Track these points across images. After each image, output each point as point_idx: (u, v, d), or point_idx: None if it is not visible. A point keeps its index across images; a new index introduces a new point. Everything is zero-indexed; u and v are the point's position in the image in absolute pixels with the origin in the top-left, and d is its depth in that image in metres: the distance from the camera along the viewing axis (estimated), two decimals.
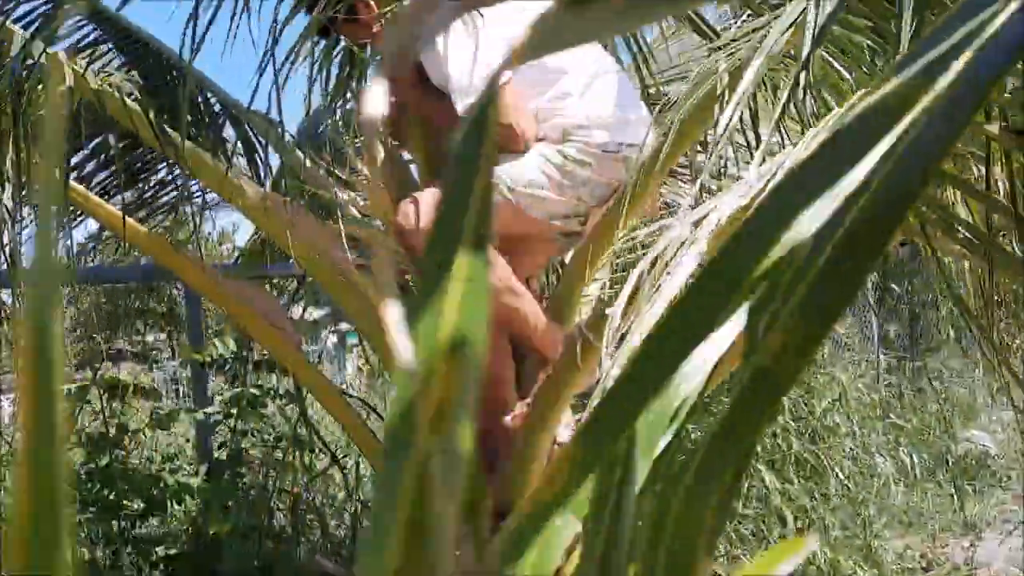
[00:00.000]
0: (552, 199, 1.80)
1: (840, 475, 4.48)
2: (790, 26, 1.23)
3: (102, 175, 2.36)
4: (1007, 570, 3.67)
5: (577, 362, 1.71)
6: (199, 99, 2.34)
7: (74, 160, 2.16)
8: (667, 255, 0.94)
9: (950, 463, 5.09)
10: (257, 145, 2.83)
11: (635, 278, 0.90)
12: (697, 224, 0.89)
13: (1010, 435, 5.24)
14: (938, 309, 6.84)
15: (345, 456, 2.81)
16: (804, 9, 1.18)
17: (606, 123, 1.84)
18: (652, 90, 2.36)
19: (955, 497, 4.66)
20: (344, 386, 4.45)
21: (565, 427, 2.10)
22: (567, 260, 2.10)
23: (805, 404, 4.61)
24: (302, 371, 2.13)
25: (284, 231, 1.93)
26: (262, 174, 2.72)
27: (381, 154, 2.09)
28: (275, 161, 2.94)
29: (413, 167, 2.23)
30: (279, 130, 2.53)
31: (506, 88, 1.80)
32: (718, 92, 1.38)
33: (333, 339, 5.92)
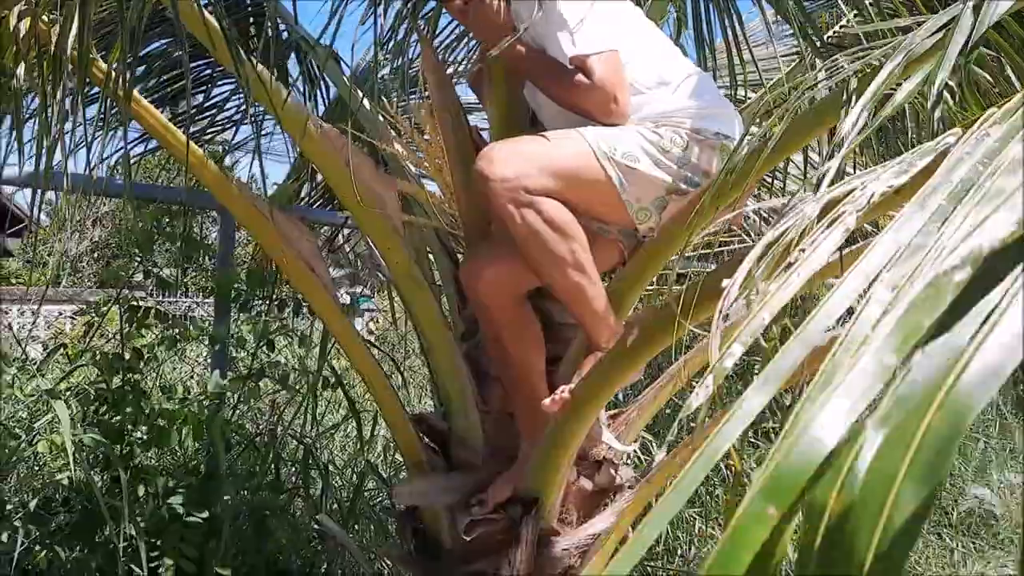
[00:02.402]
0: (648, 175, 1.71)
1: None
2: (939, 29, 1.13)
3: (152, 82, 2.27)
4: None
5: (631, 356, 1.61)
6: (268, 22, 2.25)
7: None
8: (795, 233, 0.83)
9: (954, 518, 4.99)
10: (320, 80, 2.74)
11: (755, 256, 0.79)
12: (831, 205, 0.78)
13: (1018, 499, 5.14)
14: None
15: (364, 411, 2.73)
16: (959, 14, 1.08)
17: (701, 112, 1.76)
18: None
19: (954, 552, 4.57)
20: None
21: (605, 426, 2.01)
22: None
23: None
24: (331, 318, 2.04)
25: (339, 171, 1.83)
26: (320, 111, 2.64)
27: (447, 105, 1.99)
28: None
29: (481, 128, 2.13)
30: (341, 67, 2.44)
31: (615, 57, 1.71)
32: (845, 96, 1.26)
33: (345, 299, 5.86)
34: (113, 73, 1.62)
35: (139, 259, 2.43)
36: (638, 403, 2.14)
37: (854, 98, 1.21)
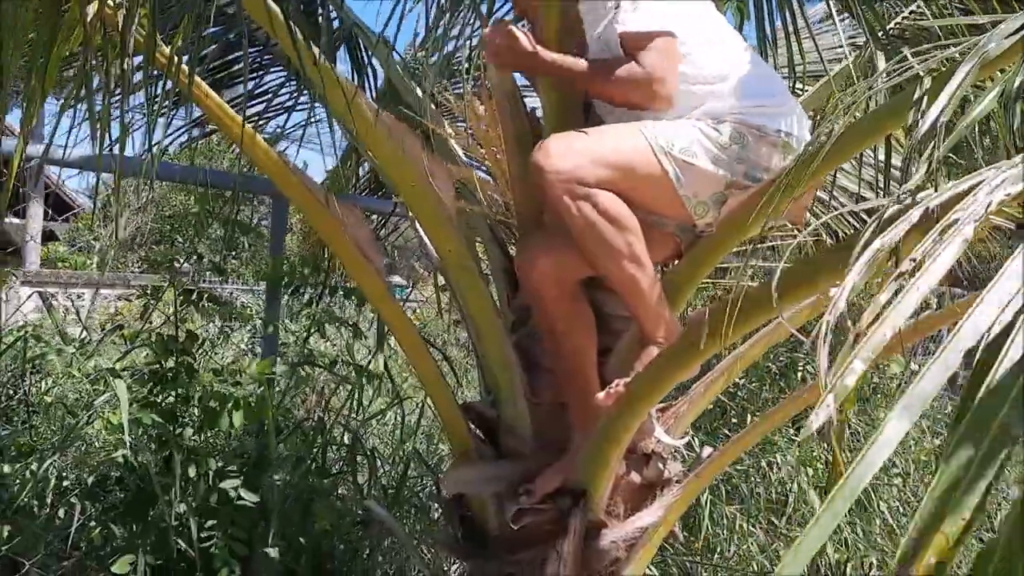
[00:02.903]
0: (705, 171, 1.70)
1: (885, 513, 4.36)
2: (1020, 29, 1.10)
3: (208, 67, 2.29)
4: None
5: (691, 353, 1.59)
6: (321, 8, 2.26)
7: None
8: (896, 241, 0.81)
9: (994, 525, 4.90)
10: (367, 67, 2.75)
11: (862, 265, 0.77)
12: (942, 210, 0.76)
13: None
14: None
15: (408, 399, 2.74)
16: None
17: (764, 110, 1.74)
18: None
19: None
20: None
21: (657, 422, 2.00)
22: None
23: (865, 436, 4.46)
24: (384, 306, 2.04)
25: (394, 157, 1.84)
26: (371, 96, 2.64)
27: (506, 92, 1.98)
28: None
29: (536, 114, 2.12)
30: (392, 52, 2.44)
31: (667, 42, 1.69)
32: (915, 95, 1.22)
33: None
34: (176, 57, 1.64)
35: (185, 243, 2.45)
36: (688, 397, 2.12)
37: (925, 100, 1.17)
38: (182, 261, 2.38)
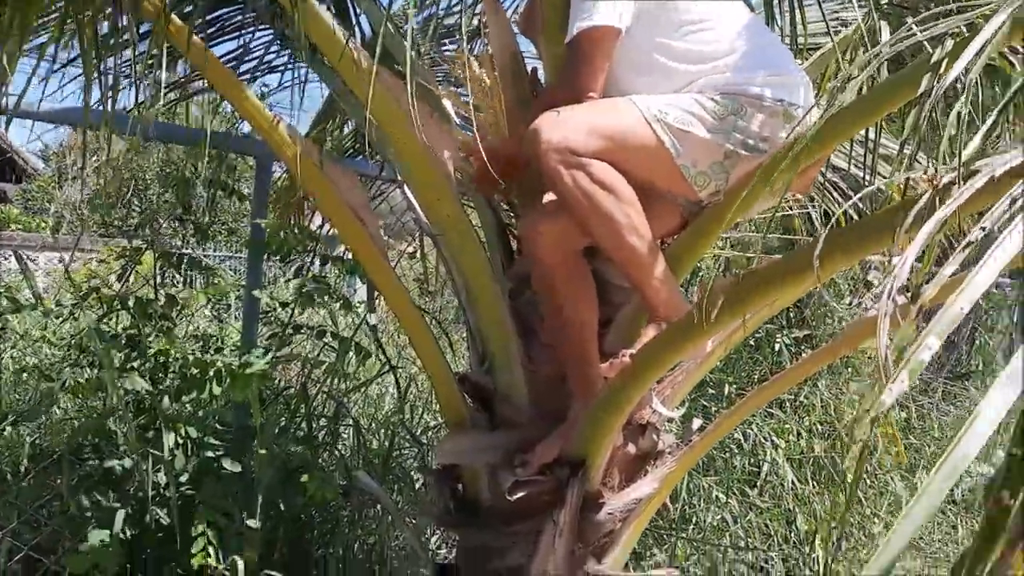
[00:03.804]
0: (701, 139, 1.67)
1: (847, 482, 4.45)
2: None
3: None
4: None
5: (702, 327, 1.56)
6: None
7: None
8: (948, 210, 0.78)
9: (957, 495, 5.03)
10: (356, 26, 2.66)
11: (924, 237, 0.74)
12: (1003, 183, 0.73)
13: None
14: (974, 341, 6.74)
15: (397, 368, 2.68)
16: None
17: (766, 80, 1.72)
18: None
19: (957, 529, 4.61)
20: None
21: (656, 395, 1.97)
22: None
23: (835, 410, 4.52)
24: (379, 274, 1.98)
25: (393, 115, 1.77)
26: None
27: (507, 56, 1.92)
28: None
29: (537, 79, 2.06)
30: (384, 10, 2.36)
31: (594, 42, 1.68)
32: (933, 59, 1.19)
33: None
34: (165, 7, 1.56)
35: (144, 208, 2.36)
36: (684, 368, 2.10)
37: (944, 64, 1.14)
38: (161, 223, 2.29)
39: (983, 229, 0.79)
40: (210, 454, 2.20)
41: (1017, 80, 1.10)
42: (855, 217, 2.31)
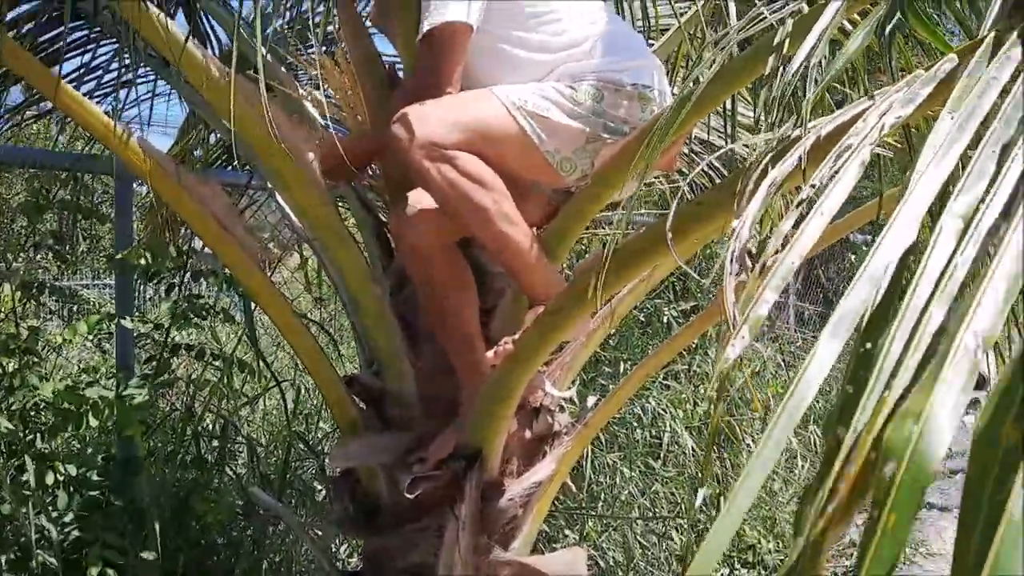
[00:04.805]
0: (562, 124, 1.70)
1: (752, 446, 4.61)
2: None
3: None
4: None
5: (580, 305, 1.58)
6: None
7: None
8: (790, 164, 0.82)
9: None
10: (209, 36, 2.58)
11: (762, 195, 0.77)
12: (833, 137, 0.78)
13: None
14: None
15: (285, 382, 2.62)
16: None
17: (618, 67, 1.77)
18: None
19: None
20: None
21: (547, 377, 2.00)
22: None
23: (726, 375, 4.69)
24: (251, 280, 1.93)
25: (252, 122, 1.72)
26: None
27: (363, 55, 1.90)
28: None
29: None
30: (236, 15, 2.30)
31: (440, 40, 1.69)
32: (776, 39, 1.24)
33: None
34: None
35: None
36: (571, 348, 2.13)
37: (787, 42, 1.20)
38: (29, 254, 2.17)
39: (812, 187, 0.82)
40: (93, 493, 2.10)
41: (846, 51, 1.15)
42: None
